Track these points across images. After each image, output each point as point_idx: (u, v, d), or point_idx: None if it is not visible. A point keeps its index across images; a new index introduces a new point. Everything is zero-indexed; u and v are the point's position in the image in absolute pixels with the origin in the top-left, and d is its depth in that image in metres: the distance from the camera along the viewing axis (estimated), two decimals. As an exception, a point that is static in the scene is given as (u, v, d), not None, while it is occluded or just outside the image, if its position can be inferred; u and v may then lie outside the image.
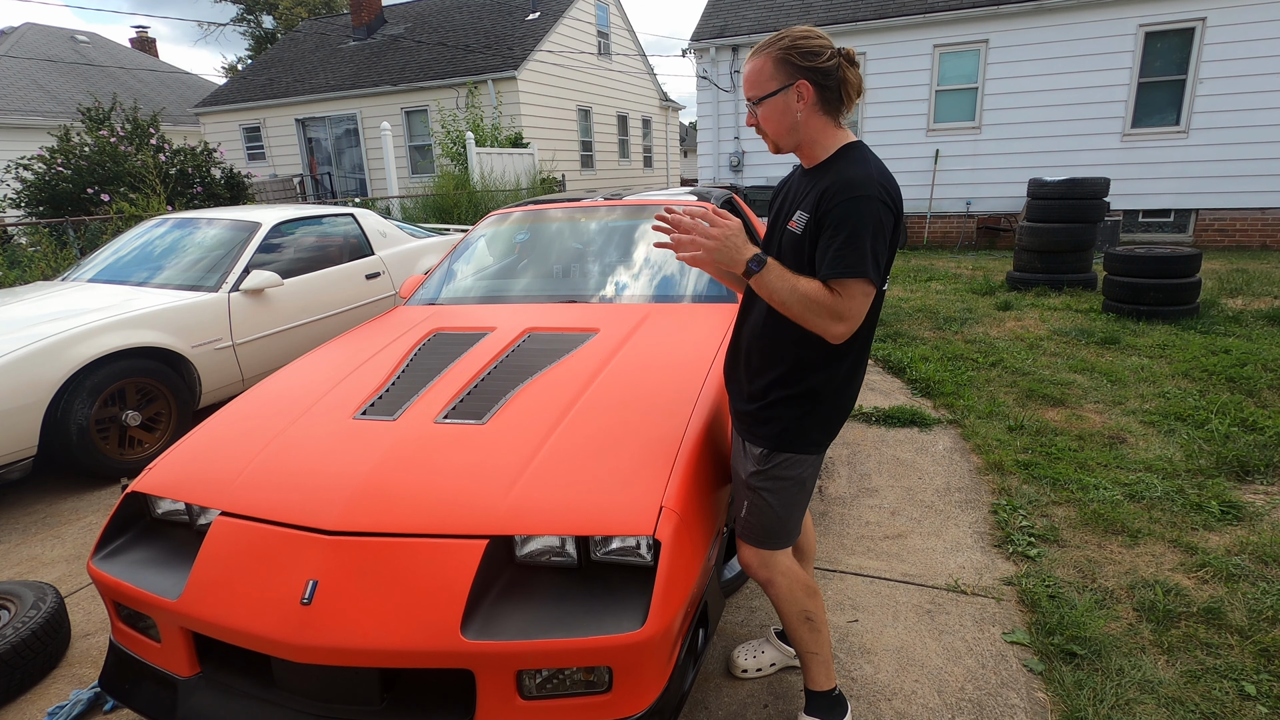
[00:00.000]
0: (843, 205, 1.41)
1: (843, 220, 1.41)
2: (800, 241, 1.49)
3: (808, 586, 1.69)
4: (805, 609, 1.68)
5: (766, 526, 1.65)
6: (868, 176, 1.43)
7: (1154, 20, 9.17)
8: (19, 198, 8.26)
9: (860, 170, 1.44)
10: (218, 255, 4.30)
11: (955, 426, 3.77)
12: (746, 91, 1.52)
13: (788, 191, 1.64)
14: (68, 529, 3.15)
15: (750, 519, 1.67)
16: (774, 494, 1.62)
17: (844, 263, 1.40)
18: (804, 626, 1.69)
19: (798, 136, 1.52)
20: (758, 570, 1.69)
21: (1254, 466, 3.09)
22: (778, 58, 1.47)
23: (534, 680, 1.44)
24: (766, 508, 1.63)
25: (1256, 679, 1.90)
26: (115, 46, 21.68)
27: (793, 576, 1.68)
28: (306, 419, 2.00)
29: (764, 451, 1.61)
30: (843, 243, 1.40)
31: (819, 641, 1.71)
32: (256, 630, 1.46)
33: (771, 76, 1.48)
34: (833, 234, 1.42)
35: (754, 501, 1.65)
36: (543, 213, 3.60)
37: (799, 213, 1.51)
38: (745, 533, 1.68)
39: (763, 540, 1.66)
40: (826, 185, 1.45)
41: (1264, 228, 9.33)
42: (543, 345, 2.39)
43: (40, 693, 2.09)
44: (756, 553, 1.68)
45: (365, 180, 15.79)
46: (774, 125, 1.52)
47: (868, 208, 1.40)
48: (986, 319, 6.02)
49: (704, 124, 11.90)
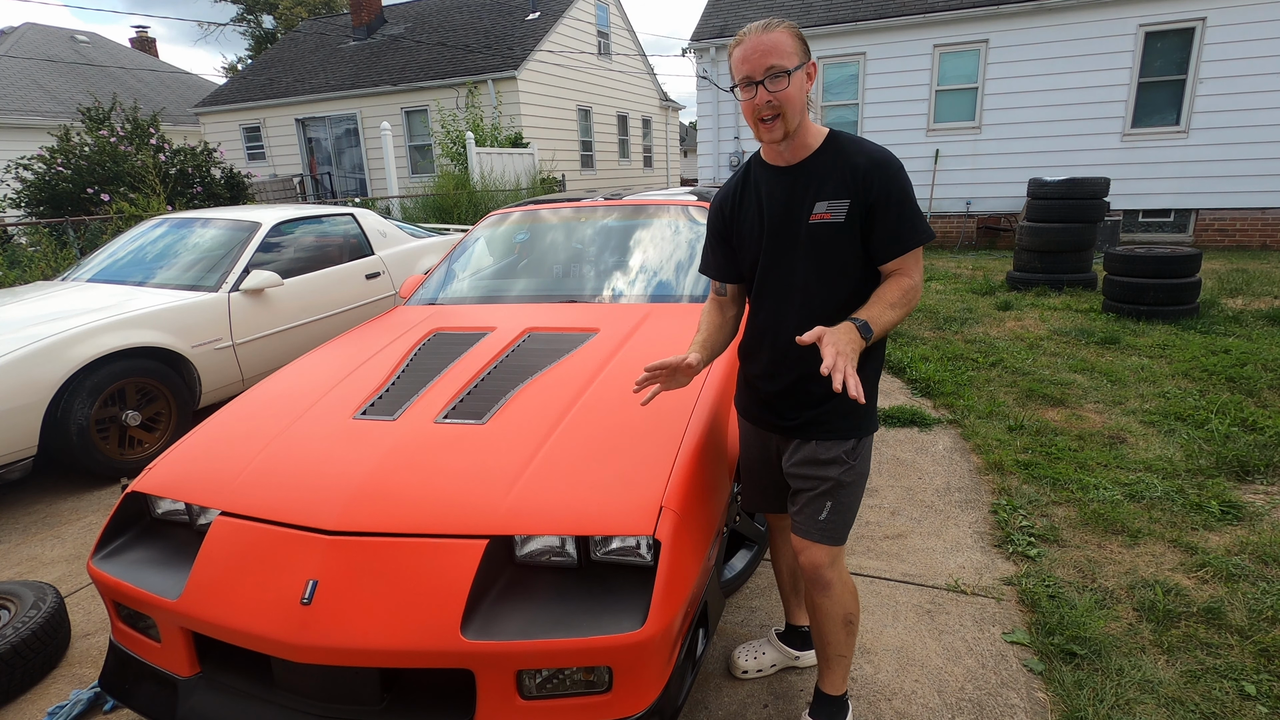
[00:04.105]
0: (893, 179, 1.47)
1: (900, 194, 1.47)
2: (846, 228, 1.49)
3: (854, 589, 1.68)
4: (849, 611, 1.65)
5: (848, 522, 1.62)
6: (879, 149, 1.50)
7: (1154, 20, 9.17)
8: (19, 198, 8.26)
9: (872, 147, 1.50)
10: (217, 255, 4.30)
11: (955, 426, 3.77)
12: (769, 60, 1.40)
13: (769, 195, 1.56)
14: (68, 529, 3.15)
15: (834, 518, 1.60)
16: (858, 485, 1.61)
17: (916, 231, 1.48)
18: (844, 630, 1.66)
19: (801, 119, 1.48)
20: (827, 571, 1.62)
21: (1254, 466, 3.09)
22: (795, 34, 1.44)
23: (534, 680, 1.43)
24: (853, 502, 1.61)
25: (1256, 679, 1.90)
26: (115, 46, 21.67)
27: (848, 577, 1.67)
28: (306, 419, 2.00)
29: (853, 443, 1.59)
30: (908, 213, 1.47)
31: (850, 644, 1.68)
32: (256, 630, 1.46)
33: (794, 50, 1.42)
34: (896, 208, 1.47)
35: (840, 499, 1.59)
36: (542, 213, 3.60)
37: (824, 203, 1.48)
38: (828, 535, 1.60)
39: (838, 539, 1.62)
40: (859, 164, 1.47)
41: (1264, 228, 9.33)
42: (543, 345, 2.39)
43: (40, 693, 2.09)
44: (830, 551, 1.61)
45: (365, 180, 15.79)
46: (794, 101, 1.44)
47: (905, 177, 1.49)
48: (986, 319, 6.01)
49: (704, 124, 11.89)
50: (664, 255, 3.13)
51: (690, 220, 3.29)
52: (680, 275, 2.99)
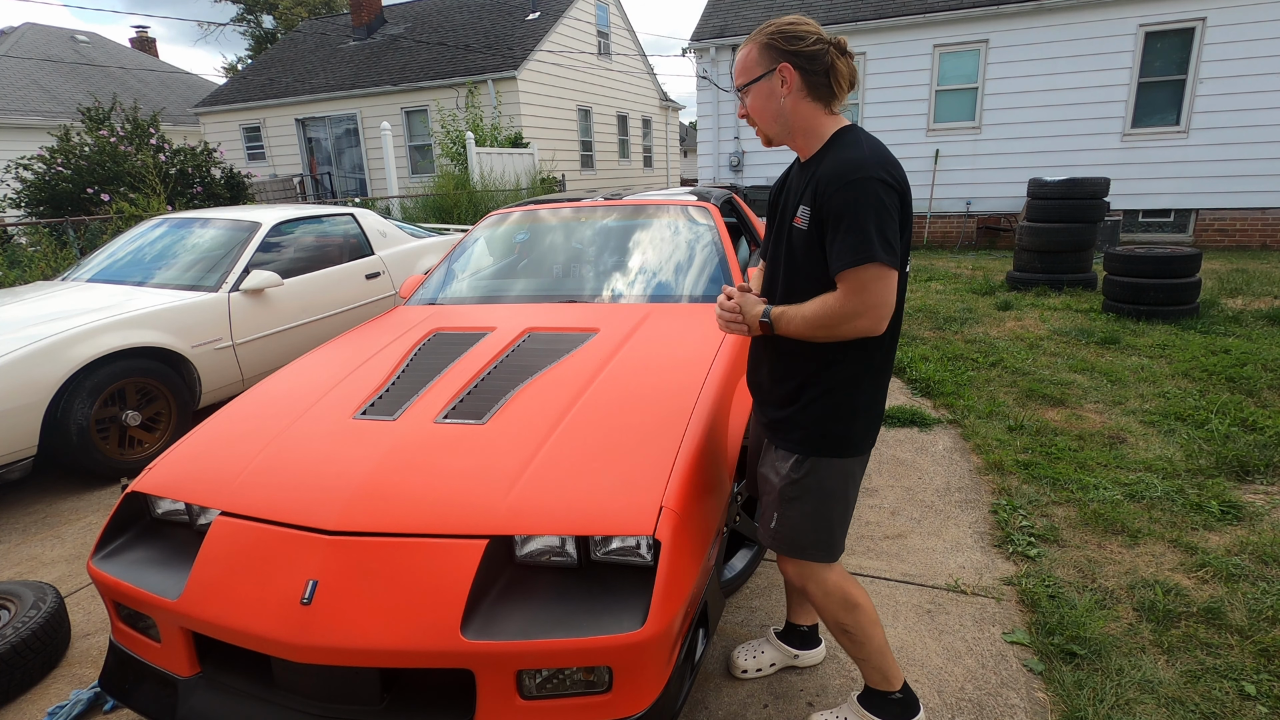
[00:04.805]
0: (839, 193, 1.37)
1: (842, 209, 1.36)
2: (809, 237, 1.46)
3: (846, 601, 1.61)
4: (841, 622, 1.62)
5: (795, 540, 1.59)
6: (860, 158, 1.38)
7: (1154, 20, 9.17)
8: (19, 198, 8.26)
9: (852, 153, 1.39)
10: (217, 255, 4.30)
11: (955, 426, 3.77)
12: (735, 80, 1.53)
13: (788, 188, 1.60)
14: (68, 529, 3.15)
15: (779, 530, 1.60)
16: (806, 503, 1.56)
17: (851, 252, 1.35)
18: (843, 637, 1.65)
19: (786, 125, 1.49)
20: (800, 579, 1.63)
21: (1254, 466, 3.09)
22: (762, 44, 1.46)
23: (534, 680, 1.43)
24: (800, 518, 1.57)
25: (1256, 679, 1.90)
26: (115, 46, 21.67)
27: (829, 589, 1.61)
28: (306, 419, 2.00)
29: (797, 459, 1.55)
30: (845, 231, 1.35)
31: (862, 649, 1.65)
32: (256, 630, 1.46)
33: (756, 62, 1.47)
34: (835, 225, 1.38)
35: (784, 513, 1.59)
36: (542, 213, 3.60)
37: (801, 207, 1.48)
38: (779, 543, 1.61)
39: (794, 552, 1.60)
40: (819, 174, 1.42)
41: (1264, 228, 9.33)
42: (543, 345, 2.39)
43: (40, 693, 2.09)
44: (796, 563, 1.62)
45: (365, 180, 15.79)
46: (759, 112, 1.50)
47: (865, 189, 1.35)
48: (986, 319, 6.02)
49: (704, 124, 11.90)
50: (664, 255, 3.13)
51: (690, 220, 3.29)
52: (680, 275, 2.99)
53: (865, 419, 1.55)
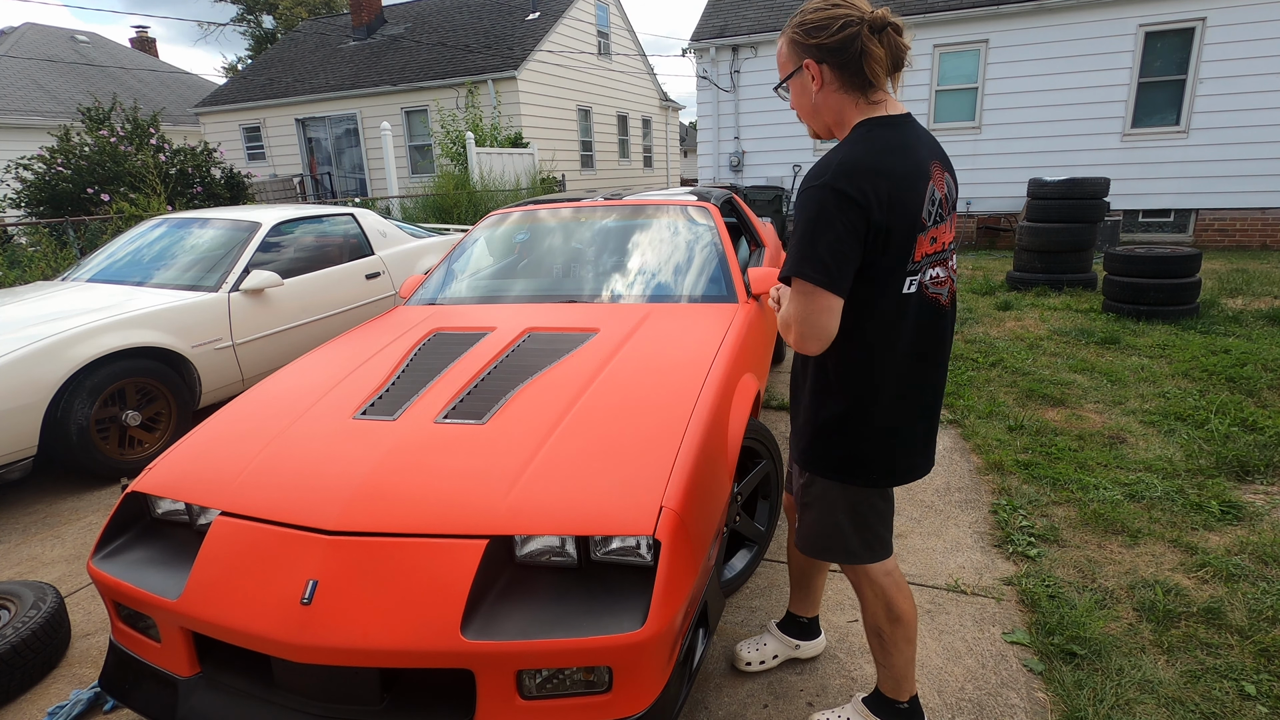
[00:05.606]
0: (798, 200, 1.33)
1: (796, 217, 1.33)
2: None
3: (890, 610, 1.58)
4: (879, 627, 1.62)
5: (813, 542, 1.63)
6: (827, 163, 1.30)
7: (1154, 20, 9.17)
8: (19, 198, 8.26)
9: (831, 155, 1.32)
10: (217, 255, 4.30)
11: (955, 426, 3.77)
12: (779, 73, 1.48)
13: None
14: (68, 529, 3.15)
15: (801, 531, 1.66)
16: (816, 510, 1.59)
17: (786, 264, 1.32)
18: (874, 639, 1.65)
19: (822, 119, 1.44)
20: (847, 575, 1.66)
21: (1254, 466, 3.09)
22: (788, 39, 1.42)
23: (534, 680, 1.43)
24: (813, 523, 1.61)
25: (1256, 679, 1.90)
26: (115, 46, 21.68)
27: (876, 593, 1.59)
28: (306, 419, 2.00)
29: (800, 470, 1.61)
30: (793, 242, 1.31)
31: (889, 658, 1.64)
32: (256, 630, 1.46)
33: (787, 59, 1.43)
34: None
35: (802, 517, 1.65)
36: (542, 213, 3.60)
37: None
38: (803, 544, 1.66)
39: (814, 553, 1.63)
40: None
41: (1264, 228, 9.33)
42: (543, 345, 2.39)
43: (40, 693, 2.09)
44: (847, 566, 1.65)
45: (365, 180, 15.79)
46: (799, 108, 1.46)
47: (811, 199, 1.28)
48: (986, 319, 6.02)
49: (704, 124, 11.89)
50: (664, 256, 3.13)
51: (690, 220, 3.29)
52: (680, 276, 2.99)
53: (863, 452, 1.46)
